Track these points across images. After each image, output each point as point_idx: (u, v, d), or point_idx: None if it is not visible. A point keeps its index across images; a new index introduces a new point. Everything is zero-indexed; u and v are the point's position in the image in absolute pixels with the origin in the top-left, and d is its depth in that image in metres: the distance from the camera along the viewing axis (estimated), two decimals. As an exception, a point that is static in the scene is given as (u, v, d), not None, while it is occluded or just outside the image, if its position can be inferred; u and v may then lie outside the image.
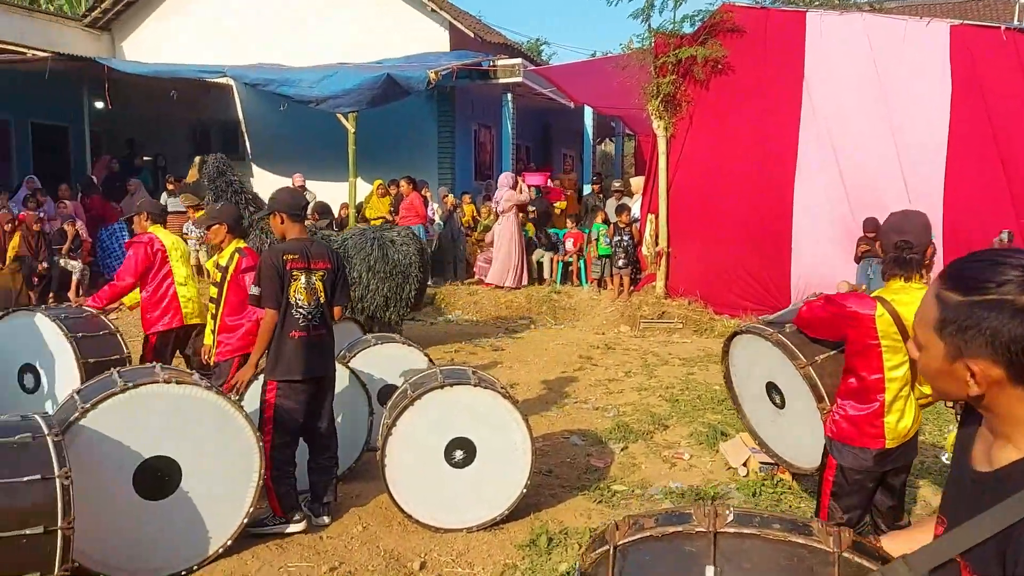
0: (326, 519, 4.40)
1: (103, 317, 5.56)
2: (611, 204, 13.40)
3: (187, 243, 7.91)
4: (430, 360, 5.56)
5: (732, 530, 1.51)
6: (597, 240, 12.18)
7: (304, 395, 4.29)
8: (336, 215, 13.09)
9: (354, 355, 5.38)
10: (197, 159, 7.23)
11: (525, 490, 4.37)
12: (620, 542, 1.59)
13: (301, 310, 4.27)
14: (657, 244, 10.99)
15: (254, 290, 4.29)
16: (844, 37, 9.71)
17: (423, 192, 13.20)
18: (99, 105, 13.79)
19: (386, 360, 5.48)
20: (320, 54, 14.52)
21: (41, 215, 11.91)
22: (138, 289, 5.76)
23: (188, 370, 4.17)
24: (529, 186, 13.94)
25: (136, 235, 5.81)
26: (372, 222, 13.04)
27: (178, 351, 5.89)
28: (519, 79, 13.98)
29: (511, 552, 4.11)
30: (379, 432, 4.56)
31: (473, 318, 11.54)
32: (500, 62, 14.11)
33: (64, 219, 12.22)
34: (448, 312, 11.78)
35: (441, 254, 13.09)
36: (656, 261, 11.04)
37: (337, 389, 4.62)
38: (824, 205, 9.77)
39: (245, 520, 3.94)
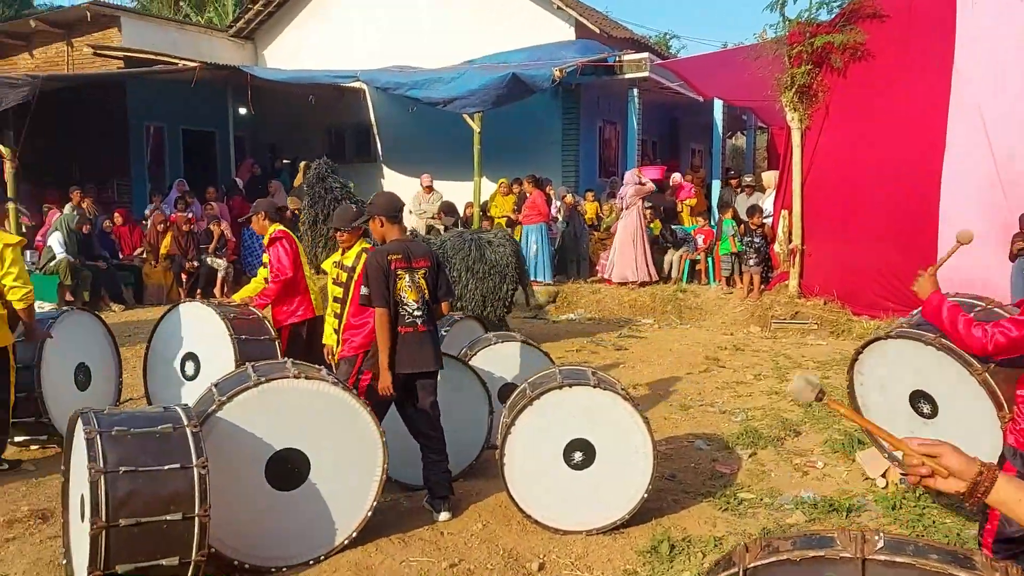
0: (445, 514, 4.44)
1: (257, 312, 5.85)
2: (741, 200, 12.98)
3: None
4: (550, 359, 5.53)
5: (882, 558, 1.37)
6: (725, 237, 11.82)
7: (398, 389, 4.43)
8: (461, 214, 13.31)
9: (475, 353, 5.43)
10: (302, 164, 7.55)
11: (646, 494, 4.27)
12: (750, 565, 1.47)
13: (408, 307, 4.45)
14: (790, 241, 10.55)
15: (364, 291, 4.48)
16: (1000, 17, 8.97)
17: (547, 190, 13.21)
18: (242, 111, 14.56)
19: (506, 359, 5.50)
20: (447, 54, 14.78)
21: (190, 216, 12.70)
22: (253, 284, 6.04)
23: (317, 366, 4.30)
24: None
25: (273, 233, 6.05)
26: (496, 221, 13.18)
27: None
28: (646, 74, 13.75)
29: (631, 558, 4.02)
30: (498, 431, 4.57)
31: (596, 317, 11.45)
32: (626, 57, 13.91)
33: (210, 220, 12.98)
34: (570, 310, 11.73)
35: (563, 252, 13.06)
36: (789, 259, 10.59)
37: (457, 386, 4.68)
38: (975, 199, 9.07)
39: (369, 513, 4.03)
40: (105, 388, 6.04)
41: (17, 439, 5.61)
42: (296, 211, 12.12)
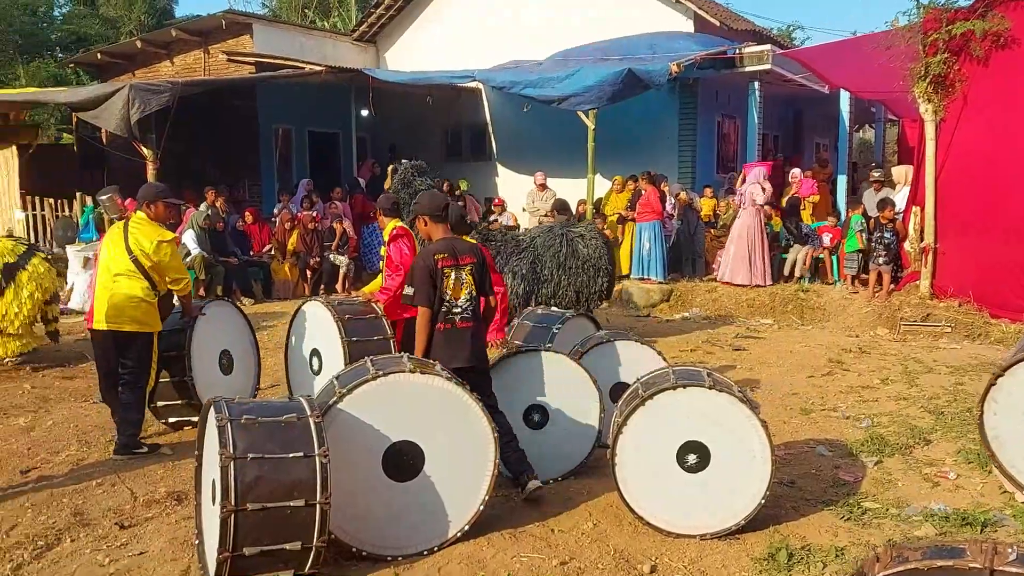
0: (534, 482, 4.56)
1: (378, 308, 6.02)
2: (868, 195, 12.40)
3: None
4: (663, 359, 5.45)
5: (1014, 570, 1.31)
6: (852, 234, 11.32)
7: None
8: (574, 212, 13.29)
9: (586, 351, 5.41)
10: (390, 168, 7.73)
11: (764, 500, 4.15)
12: (881, 574, 1.43)
13: (453, 304, 4.60)
14: (922, 239, 10.01)
15: (408, 290, 4.61)
16: None
17: (662, 187, 13.01)
18: (364, 113, 15.04)
19: (618, 357, 5.45)
20: (561, 49, 14.78)
21: (315, 214, 13.22)
22: (379, 279, 6.21)
23: (431, 361, 4.39)
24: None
25: (393, 231, 6.23)
26: (609, 218, 13.09)
27: None
28: (768, 66, 13.32)
29: (747, 564, 3.92)
30: (609, 430, 4.54)
31: (711, 316, 11.20)
32: (747, 50, 13.52)
33: (333, 218, 13.46)
34: (684, 309, 11.53)
35: (678, 250, 12.84)
36: (921, 258, 10.06)
37: (568, 384, 4.71)
38: None
39: (481, 507, 4.09)
40: (246, 373, 6.47)
41: (171, 419, 6.05)
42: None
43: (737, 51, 13.49)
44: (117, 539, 4.19)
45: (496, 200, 15.27)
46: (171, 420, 6.06)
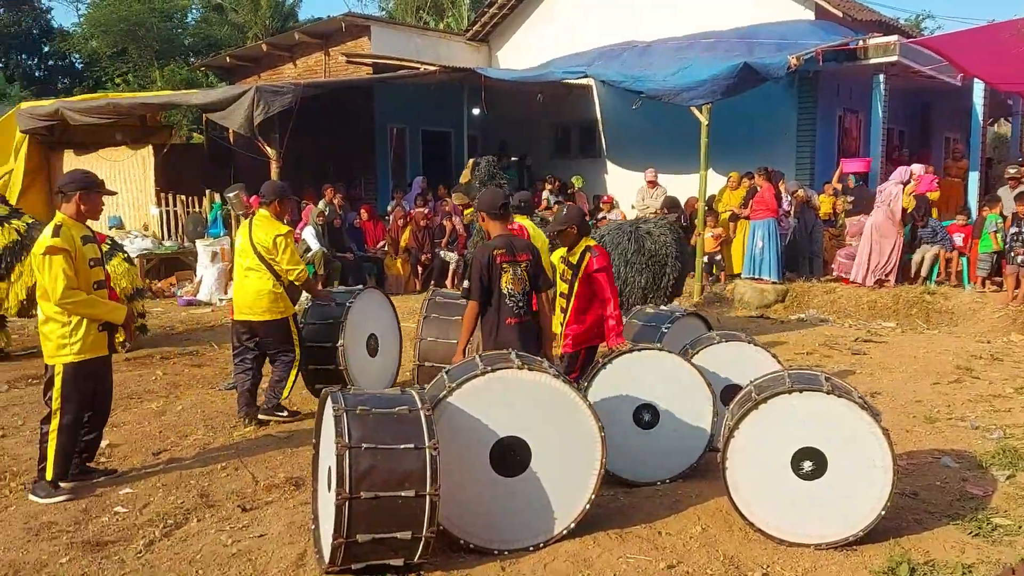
0: None
1: None
2: (1005, 193, 11.64)
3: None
4: (778, 362, 5.29)
5: None
6: (986, 234, 10.66)
7: None
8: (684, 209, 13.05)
9: (696, 352, 5.30)
10: (470, 161, 7.76)
11: (884, 512, 3.97)
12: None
13: (514, 299, 4.81)
14: (1064, 239, 9.34)
15: (465, 284, 4.83)
16: None
17: (779, 184, 12.61)
18: (476, 112, 15.23)
19: (730, 359, 5.32)
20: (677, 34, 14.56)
21: (427, 211, 13.49)
22: None
23: (539, 358, 4.41)
24: (846, 173, 12.66)
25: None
26: (721, 216, 12.79)
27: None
28: (894, 58, 12.67)
29: (864, 577, 3.76)
30: (720, 433, 4.44)
31: (829, 318, 10.79)
32: (872, 41, 12.90)
33: (444, 215, 13.71)
34: (800, 311, 11.15)
35: (794, 249, 12.41)
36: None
37: (681, 385, 4.66)
38: None
39: (587, 506, 4.07)
40: (389, 357, 7.02)
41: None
42: (460, 207, 12.49)
43: (861, 42, 12.90)
44: (239, 521, 4.40)
45: (605, 197, 15.16)
46: None
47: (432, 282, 12.93)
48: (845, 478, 4.01)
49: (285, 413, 6.23)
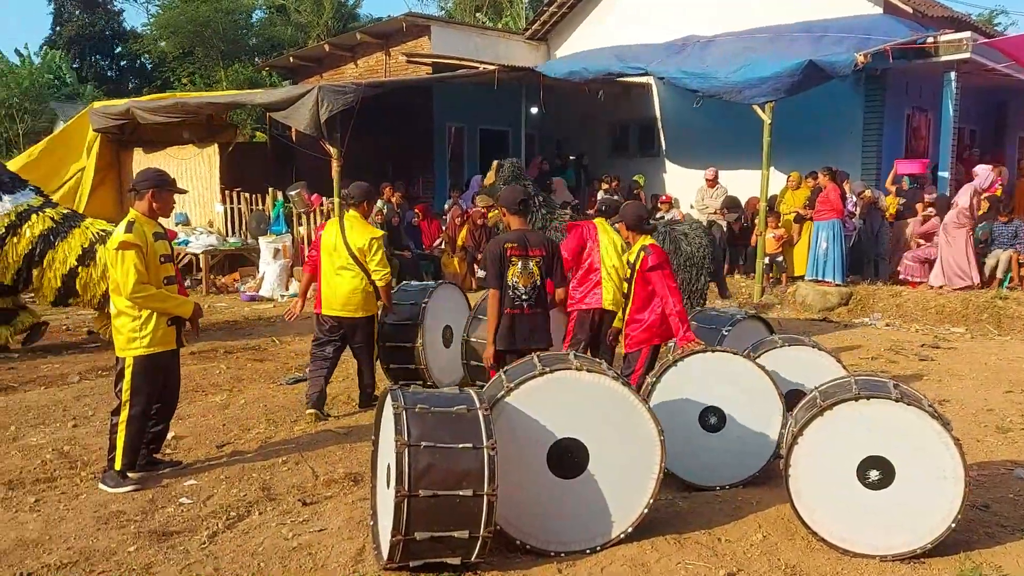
0: None
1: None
2: (1083, 195, 11.19)
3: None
4: (843, 367, 5.16)
5: None
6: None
7: (499, 363, 4.91)
8: (745, 209, 12.85)
9: (759, 355, 5.20)
10: (495, 163, 7.73)
11: (954, 524, 3.85)
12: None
13: (516, 291, 4.99)
14: None
15: (480, 273, 4.92)
16: None
17: (843, 184, 12.30)
18: (534, 111, 15.22)
19: (793, 363, 5.21)
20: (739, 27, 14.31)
21: (484, 210, 13.51)
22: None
23: (598, 359, 4.38)
24: (900, 174, 12.26)
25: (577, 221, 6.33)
26: (783, 216, 12.54)
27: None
28: (967, 55, 12.25)
29: (933, 592, 3.65)
30: (784, 439, 4.35)
31: (895, 322, 10.50)
32: (943, 38, 12.50)
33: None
34: (865, 314, 10.87)
35: (859, 251, 12.10)
36: None
37: (749, 389, 4.69)
38: None
39: (646, 510, 4.03)
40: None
41: None
42: (485, 209, 12.42)
43: (931, 40, 12.50)
44: (300, 515, 4.47)
45: (664, 197, 14.98)
46: None
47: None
48: (913, 488, 3.90)
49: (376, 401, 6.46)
